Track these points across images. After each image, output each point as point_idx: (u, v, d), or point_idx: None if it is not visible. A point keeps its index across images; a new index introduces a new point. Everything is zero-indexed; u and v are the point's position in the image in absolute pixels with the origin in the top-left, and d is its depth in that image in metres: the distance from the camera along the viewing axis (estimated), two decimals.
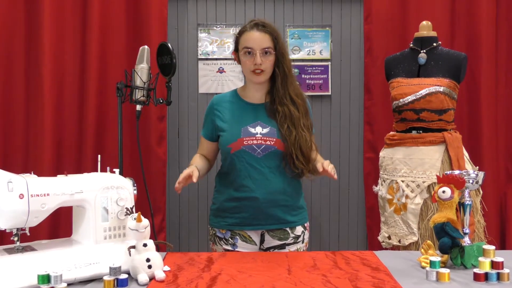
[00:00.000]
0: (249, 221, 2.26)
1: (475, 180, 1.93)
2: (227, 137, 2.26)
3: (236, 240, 2.27)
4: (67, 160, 3.27)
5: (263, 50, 2.21)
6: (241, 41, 2.27)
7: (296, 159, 2.21)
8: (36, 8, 3.19)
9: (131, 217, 1.70)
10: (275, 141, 2.23)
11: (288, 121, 2.23)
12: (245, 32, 2.26)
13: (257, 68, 2.22)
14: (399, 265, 1.83)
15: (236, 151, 2.23)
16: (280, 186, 2.26)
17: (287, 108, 2.24)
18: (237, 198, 2.26)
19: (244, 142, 2.22)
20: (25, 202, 1.61)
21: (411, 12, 3.40)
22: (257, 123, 2.26)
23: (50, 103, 3.18)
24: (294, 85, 2.31)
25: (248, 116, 2.29)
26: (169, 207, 3.55)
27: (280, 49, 2.25)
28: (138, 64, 2.81)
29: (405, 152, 2.76)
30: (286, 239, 2.29)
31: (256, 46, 2.21)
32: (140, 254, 1.67)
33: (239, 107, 2.32)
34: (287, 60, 2.29)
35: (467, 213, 1.89)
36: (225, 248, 2.28)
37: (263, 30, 2.23)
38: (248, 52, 2.23)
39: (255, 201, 2.23)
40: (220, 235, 2.30)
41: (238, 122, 2.27)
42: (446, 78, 2.73)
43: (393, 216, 2.79)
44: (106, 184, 1.78)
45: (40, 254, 1.64)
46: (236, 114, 2.30)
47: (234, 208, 2.27)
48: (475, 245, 1.81)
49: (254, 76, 2.24)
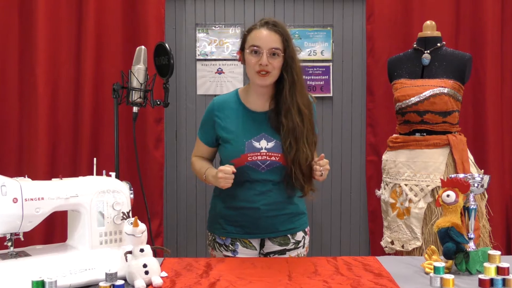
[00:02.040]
0: (250, 230, 2.24)
1: (480, 183, 1.94)
2: (231, 151, 2.18)
3: (237, 246, 2.25)
4: (62, 163, 3.28)
5: (270, 50, 2.09)
6: (248, 39, 2.15)
7: (294, 178, 2.14)
8: (30, 6, 3.20)
9: (128, 221, 1.70)
10: (280, 156, 2.16)
11: (291, 136, 2.13)
12: (254, 29, 2.14)
13: (262, 69, 2.09)
14: (402, 271, 1.83)
15: (239, 166, 2.13)
16: (282, 199, 2.23)
17: (292, 121, 2.13)
18: (236, 208, 2.23)
19: (248, 158, 2.15)
20: (19, 206, 1.61)
21: (415, 11, 3.40)
22: (262, 135, 2.18)
23: (44, 105, 3.19)
24: (303, 93, 2.20)
25: (252, 127, 2.19)
26: (166, 211, 3.55)
27: (290, 52, 2.14)
28: (135, 65, 2.81)
29: (409, 155, 2.76)
30: (287, 244, 2.27)
31: (264, 45, 2.09)
32: (136, 260, 1.67)
33: (242, 116, 2.22)
34: (297, 66, 2.18)
35: (472, 217, 1.90)
36: (225, 254, 2.27)
37: (273, 30, 2.12)
38: (255, 51, 2.10)
39: (256, 211, 2.20)
40: (220, 241, 2.28)
41: (241, 135, 2.18)
42: (450, 79, 2.73)
43: (396, 221, 2.79)
44: (102, 188, 1.79)
45: (34, 259, 1.65)
46: (239, 125, 2.20)
47: (234, 216, 2.24)
48: (480, 251, 1.81)
49: (258, 77, 2.12)
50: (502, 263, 1.70)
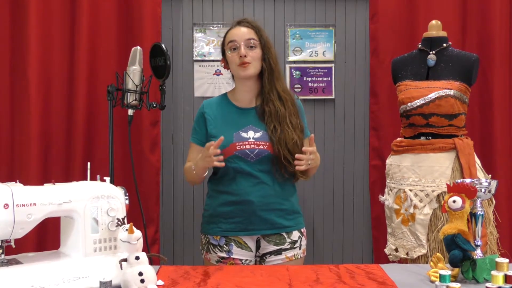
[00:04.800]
0: (244, 226, 2.35)
1: (488, 189, 1.94)
2: None
3: (231, 246, 2.34)
4: (54, 168, 3.27)
5: (247, 42, 2.35)
6: (225, 40, 2.43)
7: (284, 159, 2.30)
8: (22, 5, 3.20)
9: (123, 228, 1.70)
10: (268, 145, 2.33)
11: (274, 120, 2.35)
12: (229, 30, 2.44)
13: (242, 62, 2.33)
14: (407, 279, 1.83)
15: (229, 156, 2.31)
16: (274, 190, 2.37)
17: (273, 105, 2.36)
18: (231, 202, 2.36)
19: (237, 147, 2.32)
20: (10, 212, 1.61)
21: (420, 10, 3.41)
22: (249, 127, 2.38)
23: (36, 107, 3.18)
24: (281, 80, 2.44)
25: (239, 121, 2.39)
26: (163, 217, 3.55)
27: (265, 42, 2.39)
28: (130, 66, 2.82)
29: (413, 159, 2.77)
30: (283, 244, 2.38)
31: (239, 38, 2.36)
32: (132, 268, 1.67)
33: (229, 112, 2.43)
34: (273, 54, 2.42)
35: (479, 224, 1.90)
36: (220, 255, 2.34)
37: (245, 25, 2.40)
38: (234, 48, 2.37)
39: (250, 205, 2.33)
40: (214, 242, 2.37)
41: (229, 127, 2.37)
42: (456, 81, 2.74)
43: (401, 227, 2.79)
44: (96, 194, 1.79)
45: (26, 267, 1.65)
46: (227, 119, 2.41)
47: (229, 212, 2.36)
48: (488, 258, 1.81)
49: (240, 69, 2.36)
50: (510, 271, 1.70)
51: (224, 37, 2.45)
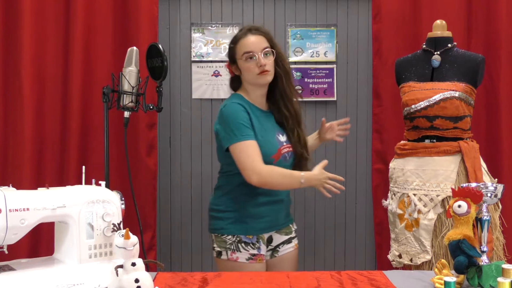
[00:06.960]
0: (274, 223, 2.52)
1: (494, 193, 1.94)
2: (269, 147, 2.42)
3: (260, 243, 2.46)
4: (48, 172, 3.28)
5: (263, 51, 2.41)
6: (238, 49, 2.44)
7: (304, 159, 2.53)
8: (15, 4, 3.20)
9: (119, 233, 1.70)
10: (290, 146, 2.52)
11: (294, 123, 2.53)
12: (240, 39, 2.45)
13: (263, 70, 2.40)
14: (410, 286, 1.83)
15: (278, 161, 2.43)
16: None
17: (293, 108, 2.52)
18: (266, 203, 2.47)
19: (282, 151, 2.46)
20: (2, 217, 1.61)
21: (424, 10, 3.41)
22: (278, 131, 2.52)
23: (30, 109, 3.19)
24: (293, 82, 2.61)
25: (269, 125, 2.50)
26: (159, 223, 3.55)
27: (277, 48, 2.49)
28: (126, 67, 2.82)
29: (418, 163, 2.77)
30: (291, 233, 2.62)
31: (256, 48, 2.40)
32: (128, 274, 1.67)
33: (260, 116, 2.48)
34: (286, 58, 2.57)
35: (485, 229, 1.90)
36: (251, 253, 2.42)
37: (257, 33, 2.45)
38: (250, 57, 2.40)
39: (280, 203, 2.53)
40: (247, 240, 2.44)
41: (268, 132, 2.47)
42: (462, 82, 2.74)
43: (404, 233, 2.79)
44: (91, 198, 1.79)
45: (19, 274, 1.65)
46: (262, 123, 2.47)
47: (261, 212, 2.47)
48: (494, 264, 1.81)
49: (261, 77, 2.42)
50: None
51: (234, 45, 2.46)
